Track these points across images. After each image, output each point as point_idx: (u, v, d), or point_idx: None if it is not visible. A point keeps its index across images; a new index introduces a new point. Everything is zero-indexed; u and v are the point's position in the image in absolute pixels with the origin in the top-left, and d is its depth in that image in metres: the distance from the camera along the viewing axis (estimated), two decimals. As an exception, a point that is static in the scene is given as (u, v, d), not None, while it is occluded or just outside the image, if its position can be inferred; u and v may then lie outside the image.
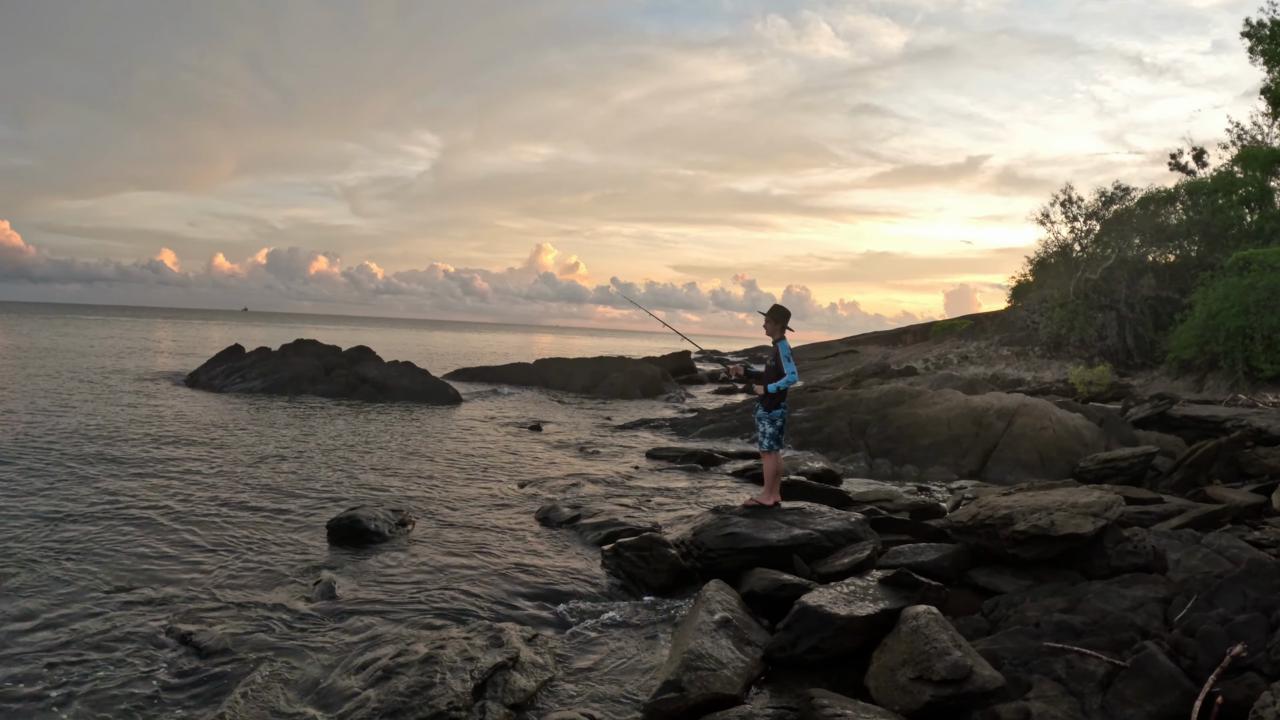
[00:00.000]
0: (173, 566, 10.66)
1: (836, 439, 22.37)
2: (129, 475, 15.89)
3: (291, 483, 16.06)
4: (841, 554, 10.33)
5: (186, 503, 14.03)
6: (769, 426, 11.90)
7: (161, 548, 11.41)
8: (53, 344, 60.04)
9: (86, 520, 12.53)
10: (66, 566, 10.45)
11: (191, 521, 12.84)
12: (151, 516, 13.03)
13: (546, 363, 45.81)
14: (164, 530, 12.27)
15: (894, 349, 65.81)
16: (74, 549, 11.14)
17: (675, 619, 9.37)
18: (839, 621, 7.66)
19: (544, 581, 10.63)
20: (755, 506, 11.60)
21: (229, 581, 10.20)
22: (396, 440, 22.32)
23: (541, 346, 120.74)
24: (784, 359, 11.73)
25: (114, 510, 13.23)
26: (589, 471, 18.40)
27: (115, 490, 14.61)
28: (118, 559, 10.85)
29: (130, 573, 10.34)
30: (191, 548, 11.48)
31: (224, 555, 11.23)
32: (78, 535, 11.78)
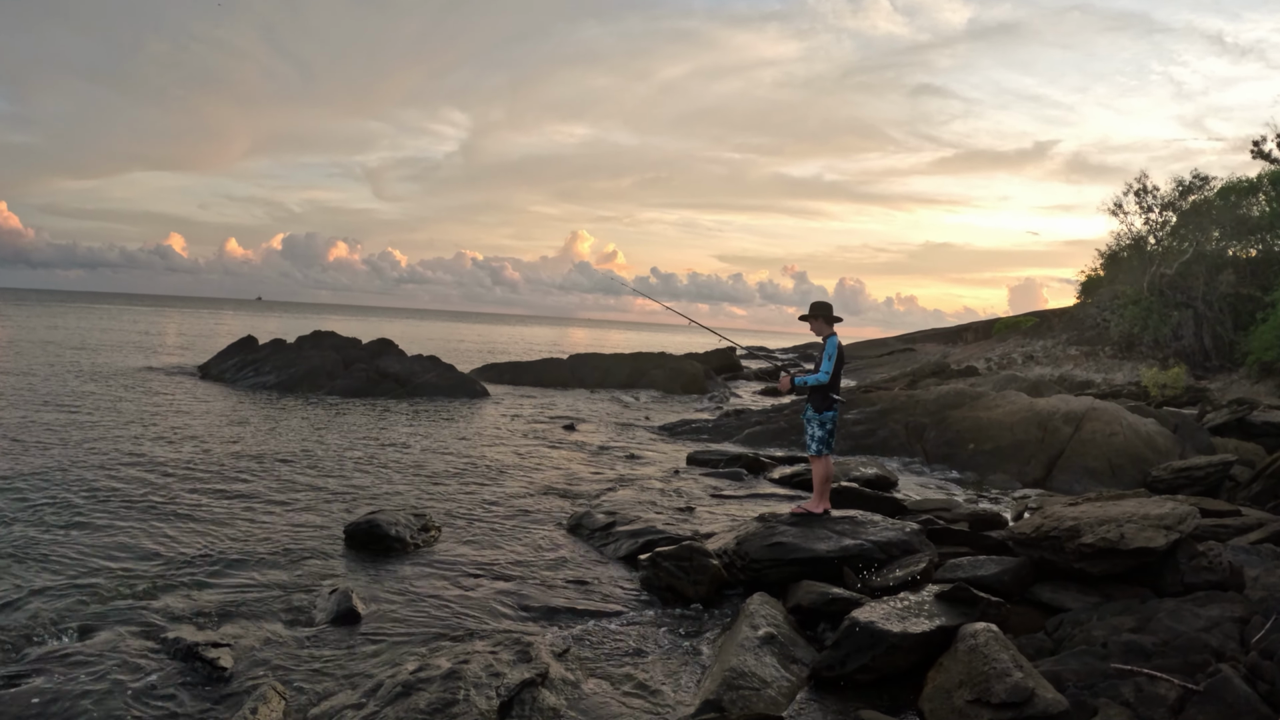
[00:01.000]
0: (176, 571, 10.70)
1: (891, 443, 22.30)
2: (132, 475, 16.01)
3: (307, 484, 16.14)
4: (895, 566, 10.31)
5: (194, 504, 14.12)
6: (818, 429, 11.85)
7: (164, 551, 11.46)
8: (52, 334, 60.50)
9: (84, 524, 12.56)
10: (59, 571, 10.50)
11: (199, 524, 12.92)
12: (155, 518, 13.11)
13: (581, 358, 45.85)
14: (168, 533, 12.33)
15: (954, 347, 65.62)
16: (69, 553, 11.18)
17: (716, 634, 9.38)
18: (892, 639, 7.65)
19: (576, 592, 10.65)
20: (803, 515, 11.58)
21: (237, 588, 10.23)
22: (420, 440, 22.41)
23: (576, 341, 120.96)
24: (825, 357, 11.67)
25: (115, 512, 13.31)
26: (625, 476, 18.43)
27: (117, 491, 14.71)
28: (117, 563, 10.89)
29: (130, 578, 10.36)
30: (198, 552, 11.52)
31: (233, 560, 11.27)
32: (74, 539, 11.82)
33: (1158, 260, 43.48)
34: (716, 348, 58.89)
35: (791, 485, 17.49)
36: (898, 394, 25.86)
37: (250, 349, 39.07)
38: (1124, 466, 19.14)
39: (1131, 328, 42.23)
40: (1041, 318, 59.78)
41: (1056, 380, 37.68)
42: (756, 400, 38.96)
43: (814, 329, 12.02)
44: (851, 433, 22.81)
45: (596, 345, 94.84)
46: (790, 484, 17.62)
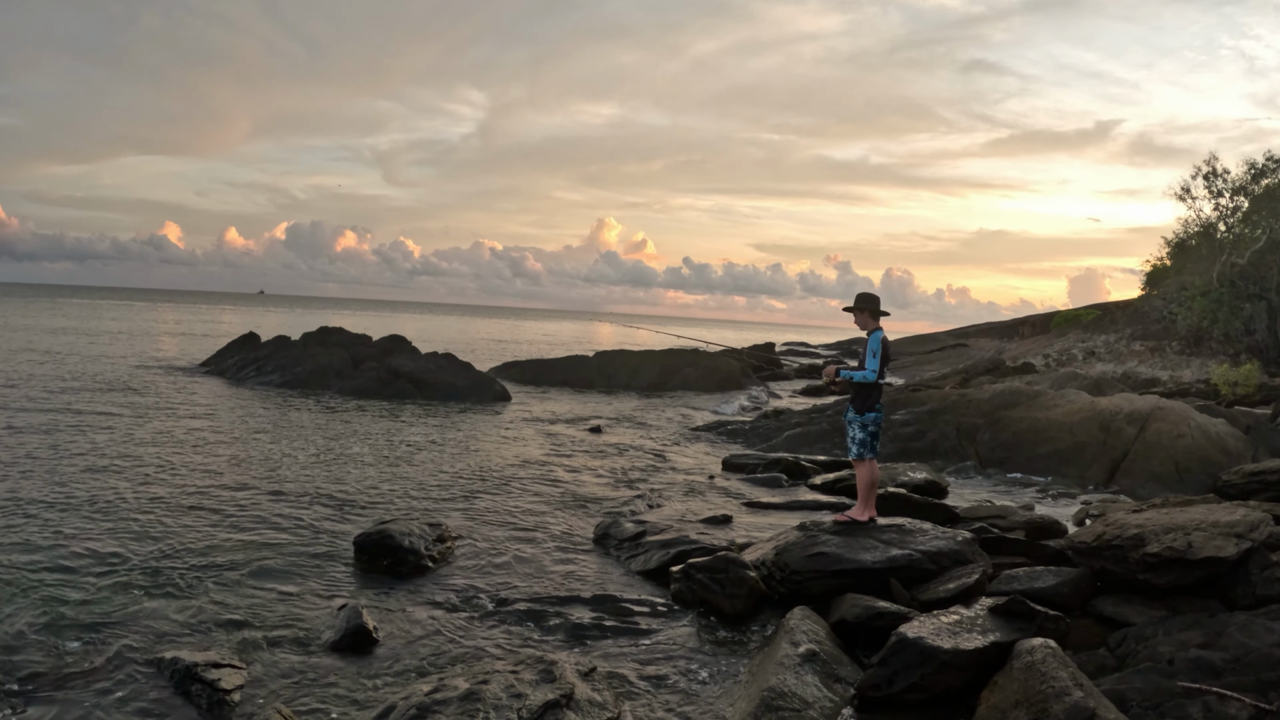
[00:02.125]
0: (174, 586, 10.74)
1: (942, 445, 22.27)
2: (125, 483, 16.11)
3: (313, 492, 16.21)
4: (946, 578, 10.29)
5: (192, 514, 14.19)
6: (860, 431, 11.82)
7: (161, 564, 11.51)
8: (37, 332, 60.82)
9: (75, 536, 12.59)
10: (47, 586, 10.54)
11: (197, 535, 12.98)
12: (151, 529, 13.17)
13: (608, 356, 45.90)
14: (165, 544, 12.39)
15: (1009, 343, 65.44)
16: (58, 566, 11.24)
17: (754, 651, 9.38)
18: (943, 656, 7.65)
19: (603, 606, 10.67)
20: (847, 523, 11.56)
21: (240, 605, 10.26)
22: (435, 444, 22.49)
23: (603, 337, 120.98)
24: (870, 354, 11.65)
25: (108, 522, 13.37)
26: (656, 482, 18.45)
27: (109, 500, 14.78)
28: (112, 577, 10.93)
29: (125, 593, 10.42)
30: (197, 565, 11.57)
31: (235, 574, 11.31)
32: (64, 551, 11.87)
33: (1228, 249, 43.20)
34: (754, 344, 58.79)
35: (834, 491, 17.47)
36: (949, 393, 25.82)
37: (252, 347, 39.26)
38: (1192, 470, 19.07)
39: (1200, 321, 42.00)
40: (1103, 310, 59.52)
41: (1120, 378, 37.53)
42: (797, 400, 38.90)
43: (858, 322, 12.02)
44: (899, 435, 22.78)
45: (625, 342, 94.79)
46: (833, 490, 17.59)
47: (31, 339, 52.33)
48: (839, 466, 19.78)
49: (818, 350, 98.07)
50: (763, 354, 54.23)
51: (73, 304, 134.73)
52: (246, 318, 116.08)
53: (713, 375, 41.84)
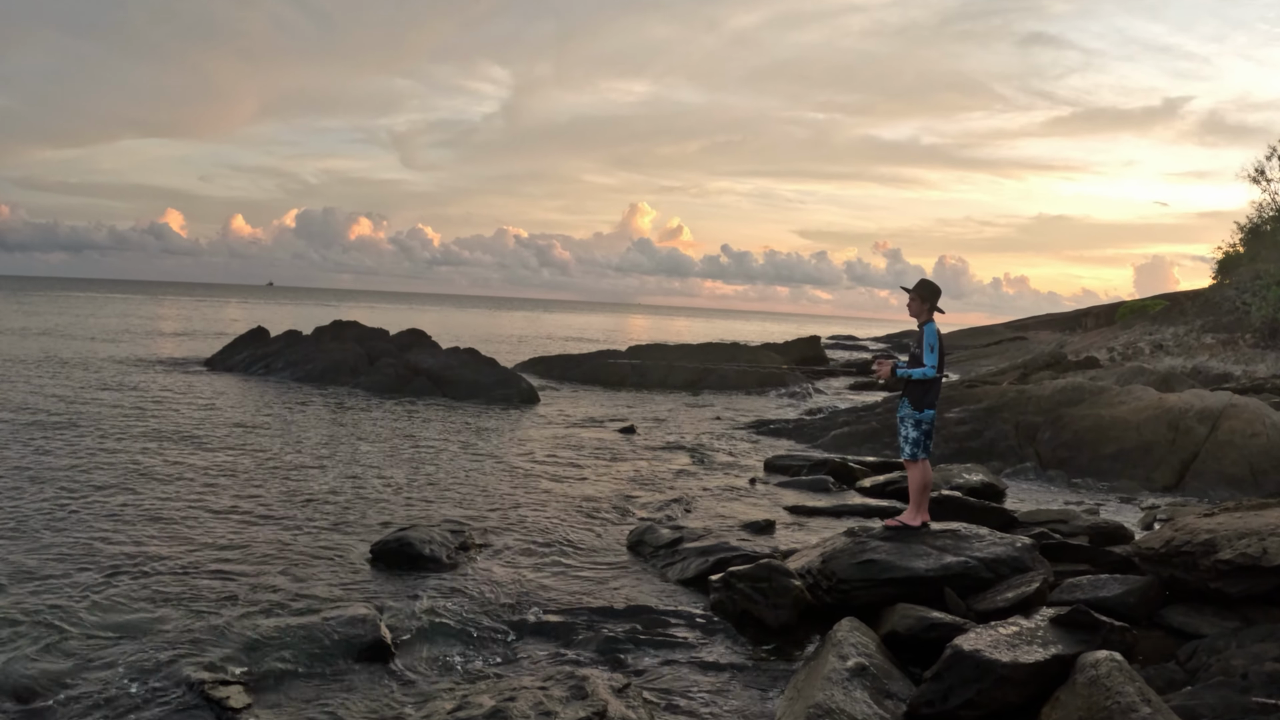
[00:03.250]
0: (180, 596, 10.79)
1: (999, 445, 22.21)
2: (129, 486, 16.26)
3: (328, 496, 16.31)
4: (1004, 587, 10.27)
5: (198, 518, 14.30)
6: (914, 430, 11.77)
7: (165, 572, 11.59)
8: (30, 326, 61.28)
9: (72, 542, 12.68)
10: (42, 593, 10.63)
11: (204, 541, 13.07)
12: (153, 534, 13.27)
13: (642, 350, 45.94)
14: (168, 551, 12.47)
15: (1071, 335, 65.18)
16: (55, 574, 11.32)
17: (799, 665, 9.37)
18: (1001, 670, 7.64)
19: (637, 618, 10.68)
20: (899, 528, 11.53)
21: (250, 616, 10.26)
22: (457, 445, 22.58)
23: (636, 330, 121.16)
24: (926, 348, 11.60)
25: (108, 528, 13.46)
26: (693, 485, 18.49)
27: (111, 504, 14.90)
28: (112, 587, 10.98)
29: (127, 604, 10.45)
30: (204, 574, 11.63)
31: (244, 583, 11.35)
32: (61, 559, 11.97)
33: (1307, 234, 42.91)
34: (798, 337, 58.72)
35: (885, 495, 17.48)
36: (1007, 389, 25.74)
37: (261, 342, 39.42)
38: (1267, 471, 18.97)
39: (1276, 312, 41.71)
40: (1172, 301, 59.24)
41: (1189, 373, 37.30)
42: (844, 397, 38.83)
43: (912, 310, 11.96)
44: (954, 434, 22.74)
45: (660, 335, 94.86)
46: (883, 493, 17.60)
47: (24, 336, 52.50)
48: (889, 468, 19.78)
49: (866, 344, 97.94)
50: (807, 348, 54.12)
51: (68, 297, 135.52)
52: (254, 311, 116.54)
53: (754, 372, 41.80)
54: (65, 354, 42.22)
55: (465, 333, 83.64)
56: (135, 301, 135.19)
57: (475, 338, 69.34)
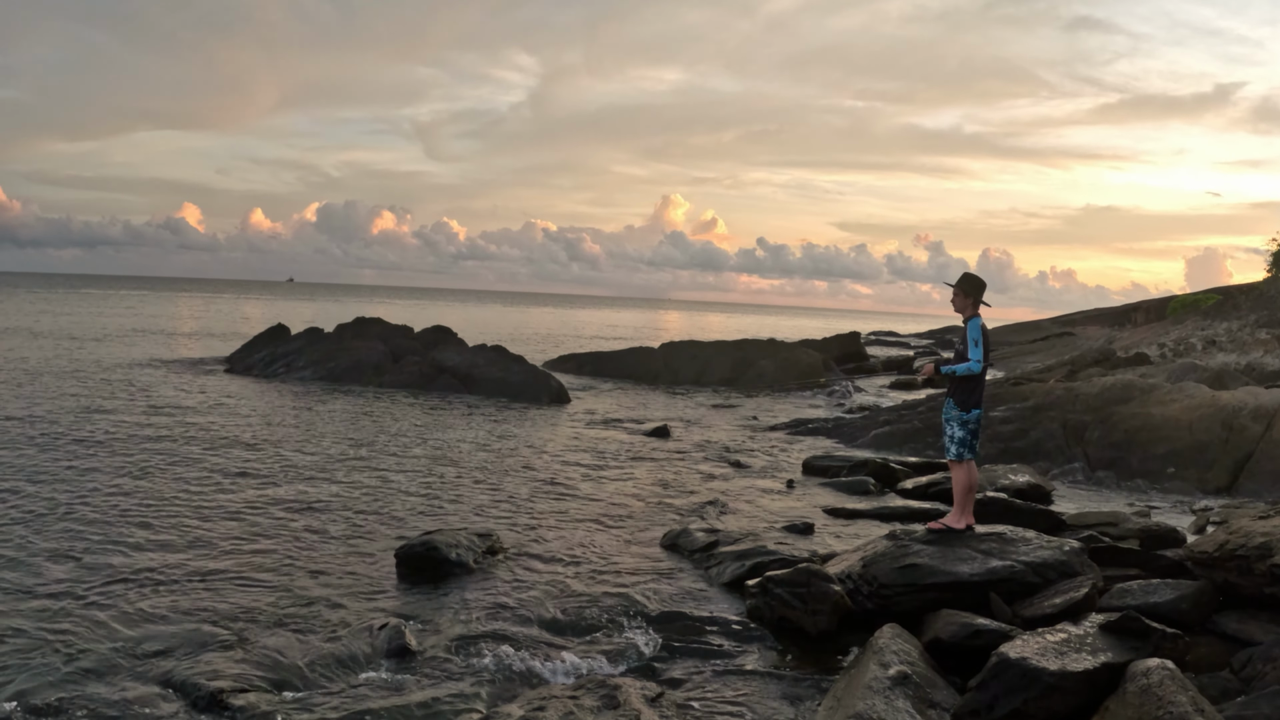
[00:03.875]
0: (198, 602, 10.87)
1: (1046, 445, 22.12)
2: (145, 489, 16.34)
3: (351, 499, 16.38)
4: (1052, 592, 10.23)
5: (217, 524, 14.38)
6: (960, 429, 11.71)
7: (183, 578, 11.67)
8: (44, 325, 61.47)
9: (88, 548, 12.76)
10: (56, 599, 10.73)
11: (223, 546, 13.15)
12: (171, 540, 13.36)
13: (675, 347, 45.86)
14: (186, 557, 12.56)
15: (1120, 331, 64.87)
16: (69, 579, 11.42)
17: (839, 674, 9.34)
18: (1048, 678, 7.62)
19: (672, 625, 10.70)
20: (942, 531, 11.49)
21: (270, 623, 10.34)
22: (484, 446, 22.62)
23: (669, 326, 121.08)
24: (971, 342, 11.54)
25: (124, 533, 13.54)
26: (729, 487, 18.49)
27: (126, 509, 14.97)
28: (128, 592, 11.08)
29: (142, 610, 10.54)
30: (223, 580, 11.70)
31: (265, 590, 11.42)
32: (76, 563, 12.08)
33: (1368, 224, 42.57)
34: (837, 333, 58.60)
35: (927, 497, 17.44)
36: (1054, 387, 25.64)
37: (281, 340, 39.47)
38: (1327, 471, 18.86)
39: (1335, 306, 41.53)
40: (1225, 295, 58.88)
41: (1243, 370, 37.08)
42: (885, 395, 38.72)
43: (956, 305, 11.91)
44: (999, 433, 22.65)
45: (694, 332, 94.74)
46: (926, 495, 17.56)
47: (36, 335, 52.58)
48: (932, 469, 19.73)
49: (907, 340, 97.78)
50: (847, 345, 54.03)
51: (82, 295, 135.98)
52: (274, 308, 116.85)
53: (791, 368, 41.68)
54: (78, 354, 42.33)
55: (492, 329, 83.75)
56: (151, 299, 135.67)
57: (502, 334, 69.42)
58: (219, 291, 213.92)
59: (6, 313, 75.33)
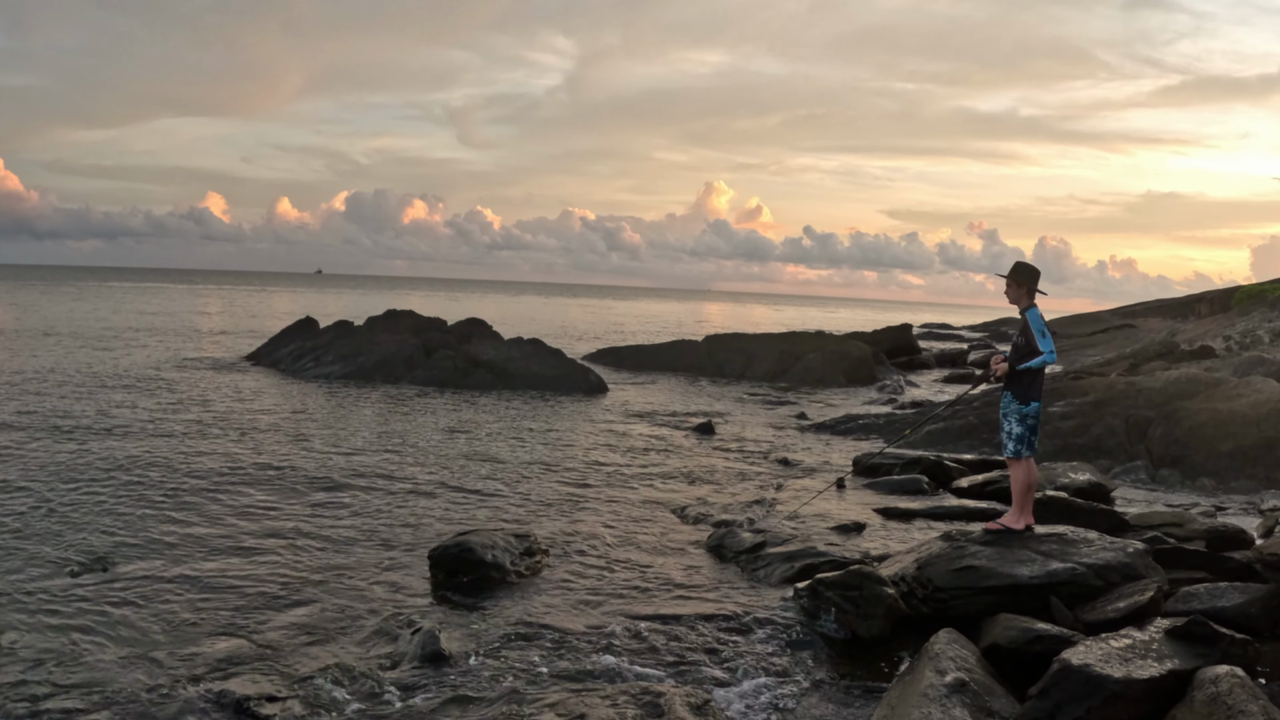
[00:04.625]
0: (223, 606, 10.93)
1: (1107, 442, 22.00)
2: (169, 490, 16.44)
3: (382, 499, 16.45)
4: (1115, 596, 10.18)
5: (243, 525, 14.47)
6: (1019, 425, 11.63)
7: (208, 582, 11.74)
8: (63, 320, 61.95)
9: (112, 551, 12.83)
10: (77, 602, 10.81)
11: (249, 548, 13.23)
12: (196, 543, 13.42)
13: (719, 340, 45.83)
14: (211, 560, 12.65)
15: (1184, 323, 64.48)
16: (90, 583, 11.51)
17: (892, 681, 9.29)
18: (1112, 686, 7.57)
19: (716, 629, 10.67)
20: (1000, 532, 11.45)
21: (299, 628, 10.39)
22: (521, 443, 22.67)
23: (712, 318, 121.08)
24: (1037, 334, 11.43)
25: (145, 538, 13.57)
26: (776, 486, 18.46)
27: (147, 513, 15.01)
28: (152, 596, 11.15)
29: (166, 615, 10.60)
30: (250, 583, 11.76)
31: (293, 593, 11.48)
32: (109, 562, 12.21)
33: None
34: (887, 325, 58.42)
35: (984, 496, 17.35)
36: (1115, 381, 25.50)
37: (310, 333, 39.60)
38: (1404, 470, 18.72)
39: None
40: (1294, 284, 58.49)
41: (1315, 362, 36.87)
42: (938, 390, 38.63)
43: (1010, 296, 11.84)
44: (1058, 430, 22.53)
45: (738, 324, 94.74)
46: (982, 494, 17.47)
47: (55, 330, 52.97)
48: (989, 466, 19.61)
49: (961, 332, 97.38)
50: (898, 337, 53.88)
51: (102, 288, 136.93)
52: (302, 300, 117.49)
53: (840, 362, 41.56)
54: (98, 349, 42.69)
55: (528, 322, 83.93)
56: (174, 291, 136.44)
57: (539, 327, 69.47)
58: (244, 284, 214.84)
59: (25, 308, 75.95)
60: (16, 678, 8.80)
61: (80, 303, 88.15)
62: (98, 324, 58.82)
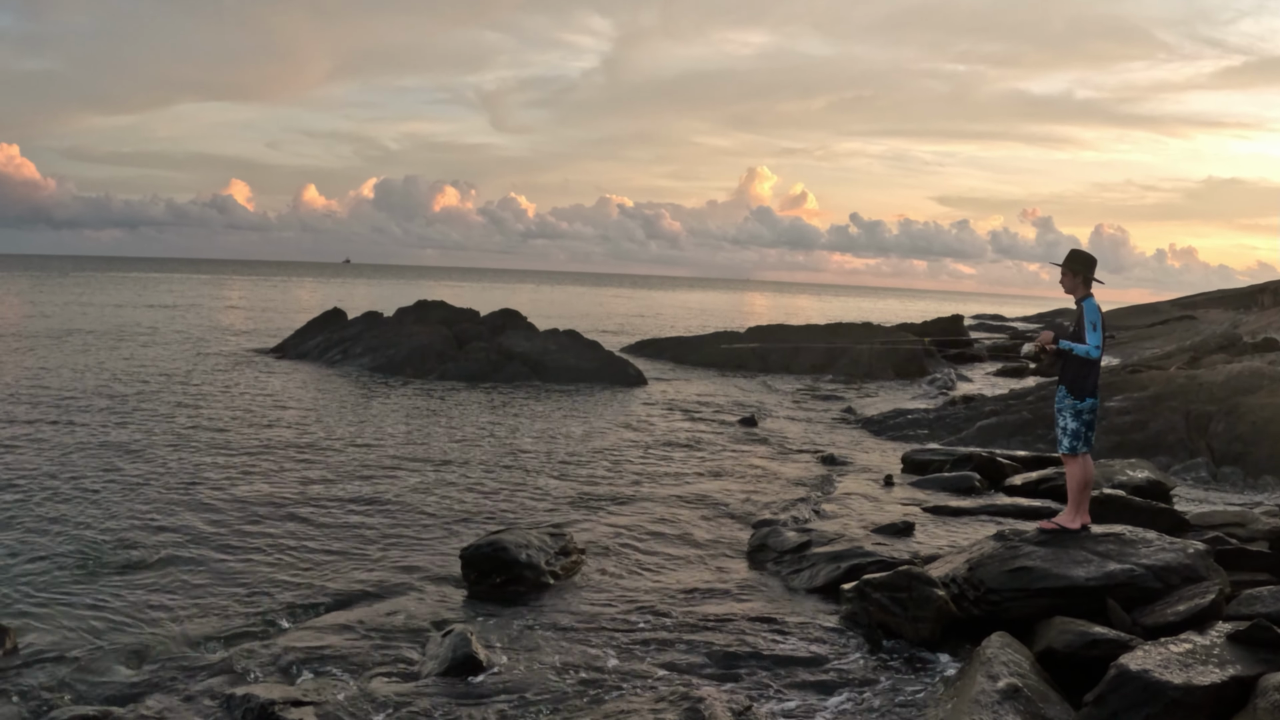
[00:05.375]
0: (247, 607, 10.98)
1: (1166, 438, 21.87)
2: (190, 488, 16.52)
3: (413, 496, 16.52)
4: (1175, 598, 10.11)
5: (268, 523, 14.54)
6: (1074, 420, 11.57)
7: (233, 581, 11.83)
8: (83, 312, 62.54)
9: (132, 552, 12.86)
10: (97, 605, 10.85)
11: (275, 549, 13.28)
12: (220, 540, 13.51)
13: (763, 331, 45.85)
14: (237, 558, 12.72)
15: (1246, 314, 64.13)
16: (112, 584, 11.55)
17: (942, 687, 9.28)
18: (1172, 692, 7.53)
19: (760, 632, 10.65)
20: (1055, 531, 11.38)
21: (325, 630, 10.43)
22: (556, 438, 22.74)
23: (756, 309, 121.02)
24: (1089, 325, 11.37)
25: (168, 536, 13.66)
26: (821, 483, 18.44)
27: (171, 511, 15.09)
28: (173, 597, 11.20)
29: (188, 616, 10.63)
30: (275, 583, 11.82)
31: (319, 593, 11.53)
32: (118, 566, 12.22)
33: None
34: (937, 316, 58.22)
35: (1038, 494, 17.27)
36: (1174, 375, 25.36)
37: (338, 325, 39.76)
38: None
39: None
40: (1364, 273, 58.12)
41: (1385, 355, 36.63)
42: (991, 384, 38.51)
43: (1066, 286, 11.74)
44: (1115, 425, 22.40)
45: (782, 315, 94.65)
46: (1036, 492, 17.39)
47: (73, 322, 53.33)
48: (1044, 463, 19.50)
49: (1014, 324, 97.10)
50: (948, 328, 53.71)
51: (123, 278, 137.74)
52: (330, 291, 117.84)
53: (889, 355, 41.43)
54: (119, 342, 43.08)
55: (564, 313, 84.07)
56: (197, 281, 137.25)
57: (576, 318, 69.60)
58: (270, 274, 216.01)
59: (44, 299, 76.57)
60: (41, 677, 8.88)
61: (99, 294, 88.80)
62: (119, 317, 59.22)
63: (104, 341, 42.38)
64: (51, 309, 64.15)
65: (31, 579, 11.50)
